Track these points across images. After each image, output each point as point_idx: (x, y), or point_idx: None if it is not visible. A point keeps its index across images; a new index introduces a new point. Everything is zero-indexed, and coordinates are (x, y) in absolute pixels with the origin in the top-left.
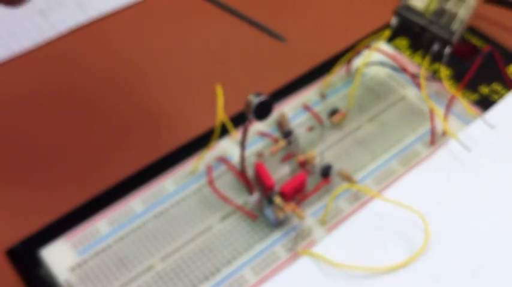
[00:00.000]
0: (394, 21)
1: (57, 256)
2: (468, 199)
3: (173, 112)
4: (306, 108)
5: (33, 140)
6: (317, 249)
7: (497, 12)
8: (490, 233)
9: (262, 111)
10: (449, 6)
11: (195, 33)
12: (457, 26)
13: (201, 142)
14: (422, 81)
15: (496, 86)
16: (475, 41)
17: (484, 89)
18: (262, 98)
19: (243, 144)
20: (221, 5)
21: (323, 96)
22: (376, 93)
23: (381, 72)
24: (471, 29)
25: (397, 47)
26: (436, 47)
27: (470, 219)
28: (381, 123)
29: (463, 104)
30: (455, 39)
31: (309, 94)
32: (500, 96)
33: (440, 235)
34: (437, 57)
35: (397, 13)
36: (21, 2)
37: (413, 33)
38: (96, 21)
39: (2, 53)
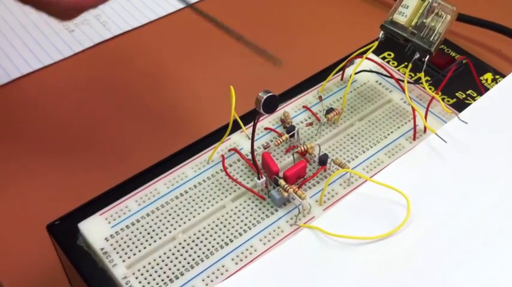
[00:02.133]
0: (381, 34)
1: (93, 228)
2: (444, 184)
3: (193, 111)
4: (306, 108)
5: (76, 132)
6: (315, 223)
7: (471, 30)
8: (461, 214)
9: (270, 105)
10: (429, 20)
11: (205, 47)
12: (435, 38)
13: (216, 136)
14: (406, 85)
15: (471, 92)
16: (452, 53)
17: (461, 95)
18: (270, 93)
19: (253, 135)
20: (221, 25)
21: (320, 98)
22: (366, 96)
23: (371, 78)
24: (448, 43)
25: (384, 59)
26: (417, 55)
27: (445, 201)
28: (370, 122)
29: (441, 104)
30: (434, 49)
31: (308, 97)
32: (474, 101)
33: (419, 213)
34: (418, 65)
35: (383, 26)
36: (74, 16)
37: (397, 46)
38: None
39: (35, 64)
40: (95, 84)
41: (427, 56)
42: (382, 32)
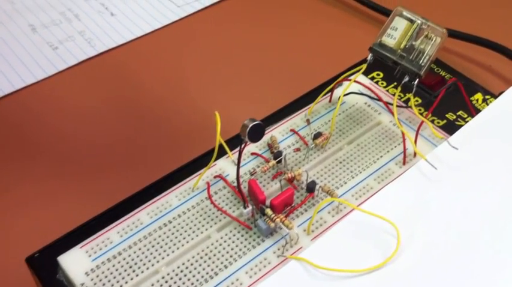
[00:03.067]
0: (369, 56)
1: (73, 262)
2: (434, 210)
3: (177, 136)
4: (293, 132)
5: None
6: (303, 255)
7: (462, 45)
8: (453, 241)
9: (255, 134)
10: (418, 43)
11: (190, 66)
12: (424, 61)
13: (201, 162)
14: (395, 109)
15: (461, 113)
16: (443, 73)
17: (451, 116)
18: (255, 122)
19: (238, 163)
20: None
21: (308, 121)
22: (355, 119)
23: (360, 100)
24: (439, 63)
25: (373, 79)
26: (406, 79)
27: (436, 227)
28: (359, 146)
29: (430, 128)
30: (423, 72)
31: (296, 120)
32: (465, 122)
33: (410, 242)
34: (407, 88)
35: (372, 49)
36: None
37: (387, 66)
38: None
39: (17, 83)
40: (78, 105)
41: (417, 80)
42: (370, 54)
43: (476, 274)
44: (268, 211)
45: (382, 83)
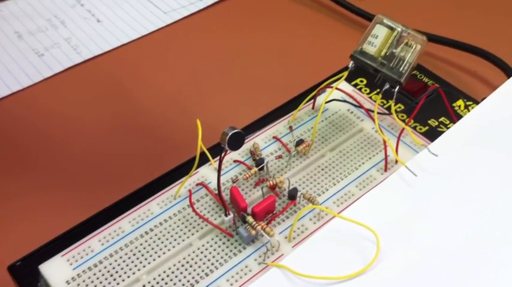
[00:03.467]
0: (350, 64)
1: (55, 270)
2: (414, 216)
3: (157, 143)
4: (276, 139)
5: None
6: (284, 262)
7: (447, 51)
8: (433, 247)
9: (235, 142)
10: (398, 51)
11: (175, 73)
12: (405, 68)
13: (183, 169)
14: (376, 116)
15: (444, 120)
16: (426, 79)
17: (433, 122)
18: (235, 130)
19: (219, 171)
20: None
21: (291, 128)
22: (337, 125)
23: (342, 107)
24: (423, 69)
25: (357, 86)
26: (387, 86)
27: (415, 234)
28: (341, 152)
29: (411, 136)
30: (403, 79)
31: (279, 127)
32: (447, 128)
33: (390, 248)
34: (389, 95)
35: (352, 57)
36: None
37: (370, 74)
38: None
39: (2, 91)
40: (63, 112)
41: (397, 87)
42: (352, 62)
43: (456, 280)
44: (250, 219)
45: (365, 90)
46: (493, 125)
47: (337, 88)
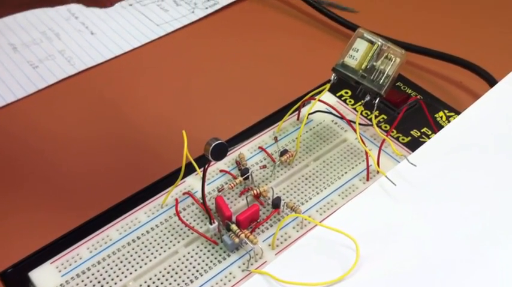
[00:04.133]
0: (333, 76)
1: (44, 277)
2: (395, 225)
3: (147, 153)
4: (261, 149)
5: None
6: (267, 269)
7: (432, 62)
8: (412, 255)
9: (219, 153)
10: (379, 64)
11: (166, 85)
12: (385, 81)
13: (170, 179)
14: (357, 127)
15: (426, 130)
16: (409, 91)
17: (416, 133)
18: (218, 141)
19: (203, 181)
20: None
21: (276, 139)
22: (321, 136)
23: (326, 117)
24: (406, 81)
25: (341, 97)
26: (368, 98)
27: (395, 242)
28: (325, 162)
29: (391, 146)
30: (384, 91)
31: (264, 137)
32: (429, 138)
33: (370, 256)
34: (371, 107)
35: (334, 69)
36: (108, 3)
37: (355, 86)
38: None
39: None
40: (56, 123)
41: (377, 99)
42: (334, 74)
43: None
44: (234, 227)
45: (350, 101)
46: (473, 136)
47: (320, 100)
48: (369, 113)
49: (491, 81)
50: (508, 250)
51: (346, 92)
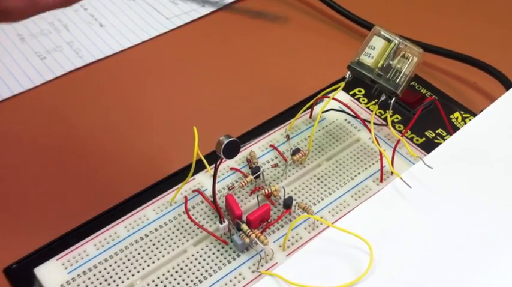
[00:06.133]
0: (347, 74)
1: (50, 274)
2: (409, 228)
3: (157, 149)
4: (273, 147)
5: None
6: (277, 271)
7: (447, 62)
8: (425, 259)
9: (231, 150)
10: (395, 62)
11: (176, 79)
12: (402, 80)
13: (180, 175)
14: (372, 127)
15: (441, 131)
16: (424, 91)
17: (430, 134)
18: (230, 139)
19: (214, 179)
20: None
21: (288, 137)
22: (334, 135)
23: (339, 116)
24: (421, 80)
25: (355, 96)
26: (383, 97)
27: (409, 246)
28: (337, 162)
29: (407, 147)
30: (400, 91)
31: (276, 135)
32: (443, 140)
33: (383, 259)
34: (386, 106)
35: (349, 67)
36: (25, 15)
37: (368, 85)
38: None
39: (4, 93)
40: (65, 115)
41: (393, 98)
42: (348, 72)
43: None
44: (244, 226)
45: (363, 100)
46: (489, 138)
47: (334, 98)
48: (382, 112)
49: (506, 82)
50: None
51: (360, 91)
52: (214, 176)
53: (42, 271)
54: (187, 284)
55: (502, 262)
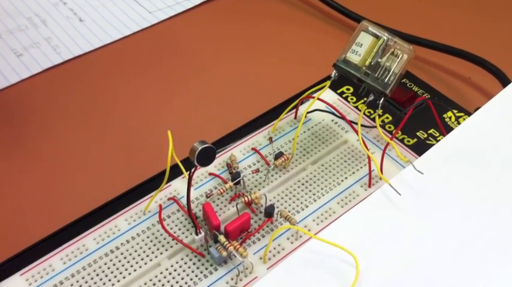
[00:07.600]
0: (333, 73)
1: None
2: (396, 238)
3: (132, 153)
4: (255, 150)
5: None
6: (257, 285)
7: (440, 57)
8: (416, 270)
9: (206, 157)
10: (384, 60)
11: (156, 77)
12: (391, 79)
13: (155, 182)
14: (359, 129)
15: (433, 132)
16: (416, 88)
17: (422, 134)
18: (205, 145)
19: (188, 188)
20: None
21: (271, 140)
22: (320, 137)
23: (326, 117)
24: (413, 78)
25: (343, 94)
26: (372, 97)
27: (398, 257)
28: (323, 166)
29: (396, 151)
30: (389, 91)
31: (258, 137)
32: (436, 141)
33: (371, 271)
34: (374, 106)
35: (335, 66)
36: None
37: (355, 83)
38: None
39: None
40: (40, 113)
41: (382, 98)
42: (335, 71)
43: None
44: (222, 238)
45: (351, 99)
46: (485, 139)
47: (319, 98)
48: (372, 112)
49: (502, 78)
50: None
51: (348, 89)
52: (189, 185)
53: None
54: None
55: (499, 270)
